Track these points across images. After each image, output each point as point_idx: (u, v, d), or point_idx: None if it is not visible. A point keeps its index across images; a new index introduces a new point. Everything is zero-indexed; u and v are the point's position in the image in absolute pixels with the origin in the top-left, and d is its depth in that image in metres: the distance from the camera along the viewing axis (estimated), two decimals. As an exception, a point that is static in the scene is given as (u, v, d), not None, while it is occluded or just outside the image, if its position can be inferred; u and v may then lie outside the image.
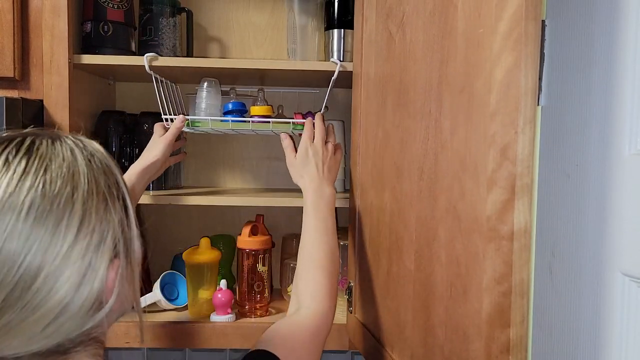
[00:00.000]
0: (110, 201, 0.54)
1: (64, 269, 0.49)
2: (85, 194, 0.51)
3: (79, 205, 0.51)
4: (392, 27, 0.86)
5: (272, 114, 1.21)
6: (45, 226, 0.48)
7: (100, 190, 0.53)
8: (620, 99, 0.53)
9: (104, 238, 0.52)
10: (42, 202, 0.49)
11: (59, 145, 0.54)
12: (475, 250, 0.61)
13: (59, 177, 0.51)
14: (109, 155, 0.59)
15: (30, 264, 0.48)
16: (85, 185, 0.52)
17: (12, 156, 0.50)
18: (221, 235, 1.39)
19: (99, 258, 0.52)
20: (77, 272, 0.50)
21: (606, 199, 0.54)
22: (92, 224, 0.51)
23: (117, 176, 0.58)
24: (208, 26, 1.41)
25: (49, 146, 0.53)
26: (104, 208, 0.53)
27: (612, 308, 0.53)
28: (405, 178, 0.81)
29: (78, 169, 0.52)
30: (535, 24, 0.53)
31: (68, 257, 0.49)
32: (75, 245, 0.50)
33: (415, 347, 0.77)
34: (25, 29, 1.08)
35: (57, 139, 0.54)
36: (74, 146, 0.55)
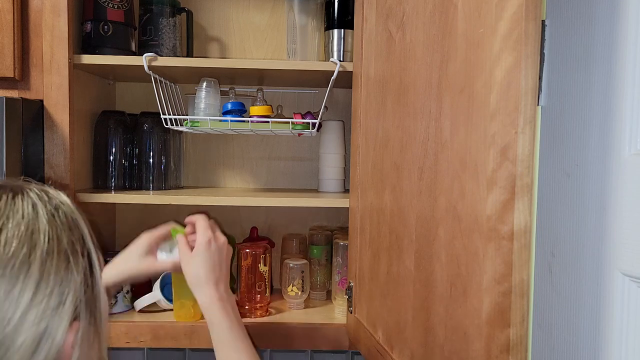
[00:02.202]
0: (73, 259, 0.51)
1: (17, 335, 0.46)
2: (44, 254, 0.49)
3: (36, 267, 0.48)
4: (392, 27, 0.86)
5: (271, 114, 1.21)
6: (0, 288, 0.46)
7: (62, 249, 0.51)
8: (620, 99, 0.53)
9: (63, 300, 0.50)
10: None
11: (19, 200, 0.51)
12: (475, 250, 0.61)
13: (14, 237, 0.48)
14: (75, 208, 0.56)
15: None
16: (45, 245, 0.49)
17: None
18: (221, 235, 1.39)
19: (56, 322, 0.49)
20: (31, 339, 0.47)
21: (606, 199, 0.54)
22: (49, 286, 0.49)
23: (82, 230, 0.55)
24: (208, 26, 1.41)
25: (8, 202, 0.50)
26: (64, 267, 0.50)
27: (612, 308, 0.53)
28: (405, 178, 0.81)
29: (38, 227, 0.50)
30: (535, 24, 0.53)
31: (22, 323, 0.47)
32: (30, 310, 0.47)
33: (415, 347, 0.77)
34: (25, 29, 1.08)
35: (19, 192, 0.52)
36: (37, 200, 0.52)
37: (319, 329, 1.16)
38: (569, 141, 0.59)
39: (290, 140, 1.44)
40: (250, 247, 1.22)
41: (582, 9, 0.57)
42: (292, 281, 1.24)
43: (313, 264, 1.31)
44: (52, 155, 1.09)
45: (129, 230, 1.43)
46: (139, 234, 1.42)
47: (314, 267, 1.32)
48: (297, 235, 1.39)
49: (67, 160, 1.10)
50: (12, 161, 0.99)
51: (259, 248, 1.22)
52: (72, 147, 1.11)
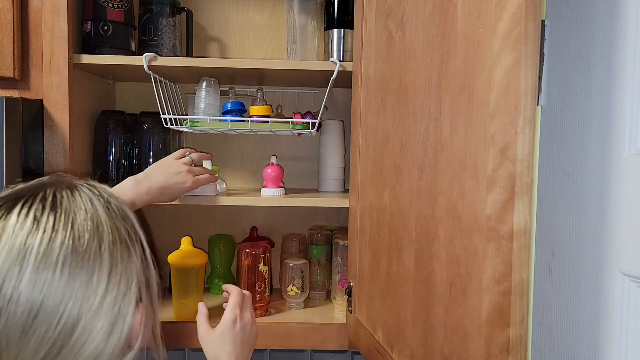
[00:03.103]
0: (132, 247, 0.56)
1: (98, 321, 0.51)
2: (112, 245, 0.53)
3: (107, 257, 0.53)
4: (392, 27, 0.86)
5: (271, 114, 1.21)
6: (80, 281, 0.50)
7: (123, 238, 0.55)
8: (620, 99, 0.53)
9: (129, 286, 0.54)
10: (75, 257, 0.50)
11: (78, 196, 0.55)
12: (475, 250, 0.61)
13: (86, 231, 0.52)
14: (121, 199, 0.60)
15: (68, 319, 0.49)
16: (110, 236, 0.54)
17: (39, 213, 0.51)
18: (221, 235, 1.39)
19: (127, 306, 0.54)
20: (109, 322, 0.52)
21: (606, 199, 0.54)
22: (119, 273, 0.53)
23: (132, 220, 0.59)
24: (208, 26, 1.41)
25: (70, 198, 0.54)
26: (127, 255, 0.55)
27: (612, 308, 0.53)
28: (405, 178, 0.81)
29: (101, 220, 0.54)
30: (535, 24, 0.53)
31: (100, 309, 0.51)
32: (107, 297, 0.52)
33: (415, 347, 0.77)
34: (25, 29, 1.08)
35: (74, 189, 0.56)
36: (92, 195, 0.56)
37: (319, 329, 1.16)
38: (569, 141, 0.59)
39: (290, 140, 1.44)
40: (250, 247, 1.22)
41: (582, 9, 0.57)
42: (292, 281, 1.24)
43: (313, 264, 1.31)
44: (52, 155, 1.09)
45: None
46: (139, 234, 1.42)
47: (314, 267, 1.32)
48: (297, 235, 1.39)
49: (67, 160, 1.10)
50: (12, 161, 0.99)
51: (259, 248, 1.22)
52: (72, 147, 1.11)
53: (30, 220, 0.51)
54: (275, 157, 1.26)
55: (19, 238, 0.50)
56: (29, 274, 0.49)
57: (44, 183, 0.56)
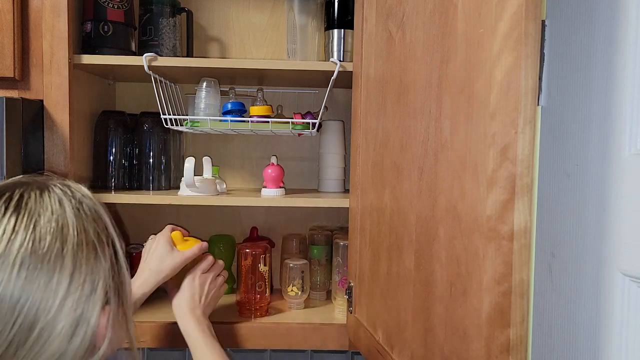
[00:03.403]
0: (100, 249, 0.55)
1: (57, 322, 0.50)
2: (75, 247, 0.53)
3: (69, 259, 0.52)
4: (392, 27, 0.86)
5: (271, 114, 1.21)
6: (37, 283, 0.50)
7: (90, 240, 0.55)
8: (620, 99, 0.53)
9: (94, 288, 0.54)
10: (33, 259, 0.50)
11: (47, 197, 0.54)
12: (475, 250, 0.61)
13: (48, 232, 0.51)
14: (97, 200, 0.59)
15: (24, 321, 0.49)
16: (74, 238, 0.53)
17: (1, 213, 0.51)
18: (221, 236, 1.39)
19: (90, 308, 0.53)
20: (69, 324, 0.51)
21: (606, 199, 0.54)
22: (82, 275, 0.53)
23: (105, 220, 0.58)
24: (208, 26, 1.41)
25: (37, 199, 0.53)
26: (94, 257, 0.54)
27: (612, 308, 0.53)
28: (405, 178, 0.81)
29: (67, 221, 0.53)
30: (535, 24, 0.53)
31: (60, 311, 0.51)
32: (67, 299, 0.51)
33: (415, 347, 0.77)
34: (25, 29, 1.08)
35: (45, 189, 0.55)
36: (62, 195, 0.55)
37: (319, 329, 1.16)
38: (569, 141, 0.59)
39: (290, 140, 1.44)
40: (250, 247, 1.22)
41: (582, 9, 0.57)
42: (292, 281, 1.24)
43: (313, 264, 1.31)
44: (52, 155, 1.09)
45: (129, 230, 1.43)
46: (139, 233, 1.42)
47: (314, 267, 1.31)
48: (297, 235, 1.39)
49: (67, 160, 1.10)
50: (12, 161, 0.99)
51: (259, 248, 1.22)
52: (72, 147, 1.11)
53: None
54: (275, 157, 1.26)
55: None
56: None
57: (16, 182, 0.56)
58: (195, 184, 1.16)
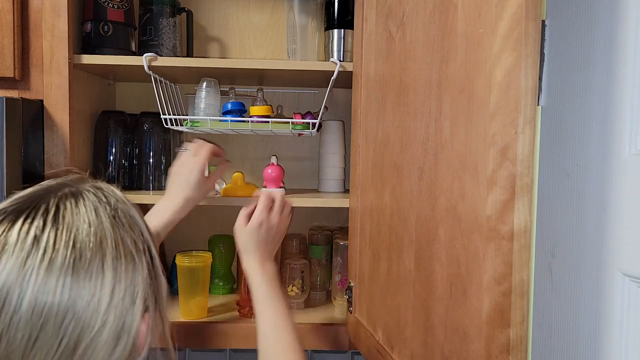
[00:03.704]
0: (138, 258, 0.55)
1: (101, 335, 0.51)
2: (115, 260, 0.53)
3: (109, 273, 0.52)
4: (392, 27, 0.86)
5: (271, 114, 1.21)
6: (81, 300, 0.50)
7: (128, 251, 0.54)
8: (620, 99, 0.53)
9: (134, 299, 0.54)
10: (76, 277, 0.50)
11: (82, 206, 0.54)
12: (475, 250, 0.61)
13: (87, 248, 0.51)
14: (130, 202, 0.59)
15: (71, 337, 0.49)
16: (113, 251, 0.53)
17: (39, 231, 0.50)
18: (221, 235, 1.39)
19: (130, 318, 0.53)
20: (112, 336, 0.51)
21: (606, 199, 0.54)
22: (122, 288, 0.53)
23: (140, 226, 0.58)
24: (208, 26, 1.41)
25: (74, 210, 0.53)
26: (132, 268, 0.54)
27: (612, 308, 0.53)
28: (405, 178, 0.81)
29: (105, 233, 0.53)
30: (535, 24, 0.53)
31: (104, 325, 0.51)
32: (109, 313, 0.51)
33: (415, 347, 0.77)
34: (25, 29, 1.08)
35: (79, 196, 0.55)
36: (97, 203, 0.55)
37: (319, 329, 1.16)
38: (569, 141, 0.59)
39: (290, 140, 1.44)
40: None
41: (582, 9, 0.57)
42: (292, 281, 1.24)
43: (313, 264, 1.31)
44: (52, 155, 1.09)
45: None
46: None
47: (314, 267, 1.32)
48: (297, 235, 1.39)
49: (67, 160, 1.10)
50: (12, 161, 0.99)
51: None
52: (72, 147, 1.11)
53: (31, 238, 0.50)
54: (275, 157, 1.26)
55: (19, 259, 0.49)
56: (29, 295, 0.48)
57: (49, 189, 0.55)
58: None
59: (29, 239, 0.50)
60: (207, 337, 1.15)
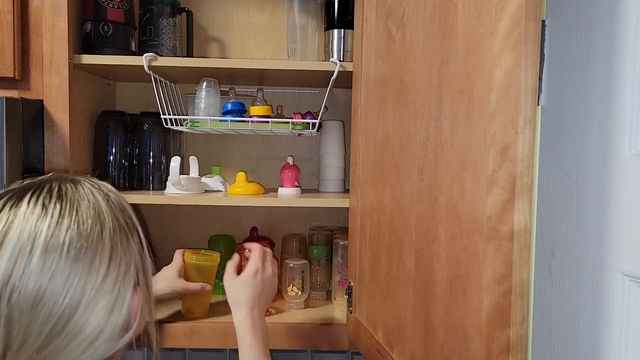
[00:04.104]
0: (130, 234, 0.61)
1: (100, 298, 0.55)
2: (112, 230, 0.58)
3: (108, 241, 0.57)
4: (392, 27, 0.86)
5: (271, 114, 1.21)
6: (83, 262, 0.55)
7: (122, 226, 0.60)
8: (620, 99, 0.53)
9: (128, 268, 0.59)
10: (79, 240, 0.55)
11: (81, 188, 0.60)
12: (475, 250, 0.61)
13: (89, 217, 0.57)
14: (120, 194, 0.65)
15: (74, 295, 0.54)
16: (110, 223, 0.59)
17: (47, 201, 0.56)
18: (221, 236, 1.39)
19: (126, 286, 0.58)
20: (109, 301, 0.56)
21: (606, 199, 0.54)
22: (119, 256, 0.58)
23: (130, 213, 0.64)
24: (208, 26, 1.41)
25: (74, 190, 0.59)
26: (126, 241, 0.60)
27: (612, 308, 0.53)
28: (405, 178, 0.81)
29: (102, 209, 0.59)
30: (535, 24, 0.53)
31: (102, 288, 0.56)
32: (107, 277, 0.56)
33: (415, 347, 0.77)
34: (25, 29, 1.08)
35: (77, 182, 0.61)
36: (93, 188, 0.61)
37: (319, 329, 1.16)
38: (569, 141, 0.59)
39: (290, 140, 1.44)
40: None
41: (582, 9, 0.57)
42: (292, 281, 1.24)
43: (313, 264, 1.31)
44: (52, 155, 1.09)
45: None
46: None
47: (314, 267, 1.31)
48: (297, 235, 1.39)
49: (67, 160, 1.10)
50: (12, 161, 0.99)
51: None
52: (72, 147, 1.11)
53: (39, 207, 0.55)
54: (291, 158, 1.27)
55: (29, 222, 0.54)
56: (38, 254, 0.53)
57: (50, 178, 0.61)
58: (181, 182, 1.16)
59: (37, 207, 0.55)
60: (207, 337, 1.15)
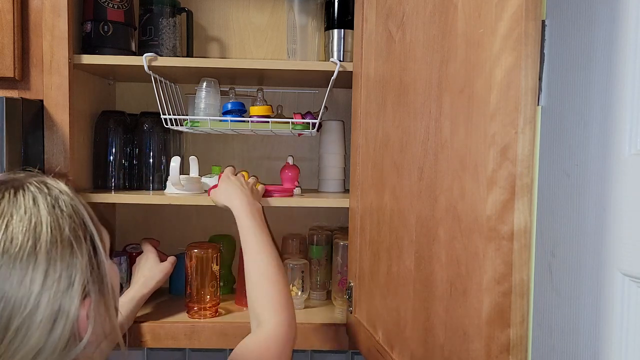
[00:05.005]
0: (77, 245, 0.56)
1: (34, 317, 0.52)
2: (49, 244, 0.54)
3: (42, 257, 0.53)
4: (392, 27, 0.86)
5: (271, 114, 1.21)
6: (10, 281, 0.51)
7: (65, 237, 0.56)
8: (620, 99, 0.53)
9: (71, 282, 0.55)
10: (5, 259, 0.52)
11: (21, 196, 0.56)
12: (475, 250, 0.61)
13: (19, 232, 0.53)
14: (75, 194, 0.61)
15: (2, 315, 0.51)
16: (48, 236, 0.54)
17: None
18: (221, 235, 1.39)
19: (67, 301, 0.54)
20: (47, 319, 0.53)
21: (606, 199, 0.54)
22: (57, 271, 0.54)
23: (83, 216, 0.60)
24: (208, 26, 1.41)
25: (11, 199, 0.55)
26: (69, 253, 0.55)
27: (612, 308, 0.53)
28: (405, 178, 0.81)
29: (40, 219, 0.55)
30: (535, 24, 0.53)
31: (37, 307, 0.52)
32: (43, 294, 0.53)
33: (415, 347, 0.77)
34: (25, 29, 1.08)
35: (19, 188, 0.56)
36: (37, 193, 0.57)
37: (319, 329, 1.16)
38: (569, 141, 0.59)
39: (290, 140, 1.44)
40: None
41: (582, 9, 0.57)
42: (292, 281, 1.24)
43: (313, 264, 1.31)
44: (52, 155, 1.09)
45: (129, 230, 1.43)
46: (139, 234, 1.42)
47: (314, 267, 1.31)
48: (297, 235, 1.39)
49: (67, 160, 1.10)
50: (12, 161, 0.99)
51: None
52: (72, 147, 1.11)
53: None
54: (291, 158, 1.27)
55: None
56: None
57: None
58: (181, 182, 1.16)
59: None
60: (207, 337, 1.15)
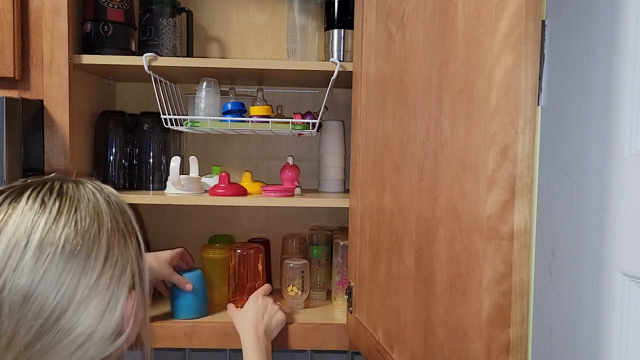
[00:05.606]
0: (128, 237, 0.61)
1: (92, 297, 0.55)
2: (109, 231, 0.58)
3: (105, 240, 0.57)
4: (392, 27, 0.86)
5: (271, 114, 1.21)
6: (78, 259, 0.55)
7: (120, 227, 0.60)
8: (620, 99, 0.53)
9: (124, 270, 0.59)
10: (75, 237, 0.55)
11: (82, 188, 0.61)
12: (475, 250, 0.61)
13: (87, 215, 0.57)
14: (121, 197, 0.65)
15: (66, 291, 0.54)
16: (108, 223, 0.59)
17: (47, 198, 0.57)
18: (221, 235, 1.39)
19: (120, 288, 0.58)
20: (102, 301, 0.56)
21: (606, 199, 0.54)
22: (115, 256, 0.58)
23: (130, 216, 0.64)
24: (208, 26, 1.41)
25: (75, 189, 0.60)
26: (123, 242, 0.60)
27: (612, 308, 0.54)
28: (405, 178, 0.81)
29: (101, 209, 0.59)
30: (535, 24, 0.53)
31: (96, 287, 0.55)
32: (102, 277, 0.56)
33: (415, 347, 0.77)
34: (25, 29, 1.08)
35: (79, 183, 0.62)
36: (94, 189, 0.62)
37: (319, 329, 1.16)
38: (569, 141, 0.59)
39: (290, 140, 1.44)
40: (242, 247, 1.22)
41: (583, 9, 0.57)
42: (292, 281, 1.24)
43: (313, 264, 1.31)
44: (52, 155, 1.09)
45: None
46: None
47: (314, 267, 1.31)
48: (297, 235, 1.39)
49: (67, 160, 1.10)
50: (12, 161, 0.99)
51: (252, 249, 1.21)
52: (72, 147, 1.11)
53: (38, 203, 0.56)
54: (291, 158, 1.27)
55: (27, 217, 0.54)
56: (32, 249, 0.53)
57: (52, 177, 0.61)
58: (181, 182, 1.16)
59: (36, 203, 0.56)
60: (207, 337, 1.15)
